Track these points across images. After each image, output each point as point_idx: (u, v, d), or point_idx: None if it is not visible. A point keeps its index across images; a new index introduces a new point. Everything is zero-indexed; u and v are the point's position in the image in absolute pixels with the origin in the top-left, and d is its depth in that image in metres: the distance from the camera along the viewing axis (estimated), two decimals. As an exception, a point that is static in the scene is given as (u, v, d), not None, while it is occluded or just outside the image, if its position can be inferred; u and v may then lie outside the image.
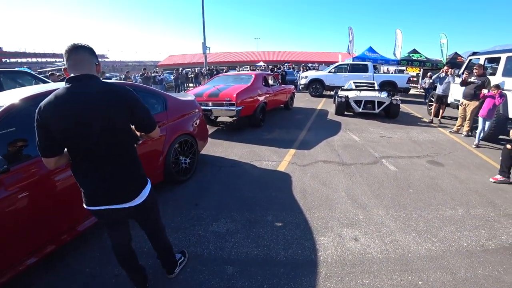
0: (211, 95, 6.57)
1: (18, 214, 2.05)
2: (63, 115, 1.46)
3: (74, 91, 1.48)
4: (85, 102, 1.48)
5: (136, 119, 1.69)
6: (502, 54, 6.75)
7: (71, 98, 1.47)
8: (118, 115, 1.57)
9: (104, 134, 1.55)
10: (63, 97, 1.47)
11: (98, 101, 1.50)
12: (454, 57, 16.87)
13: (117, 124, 1.58)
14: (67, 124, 1.47)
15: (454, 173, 4.55)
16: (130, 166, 1.72)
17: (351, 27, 19.29)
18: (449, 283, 2.25)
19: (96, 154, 1.58)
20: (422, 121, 8.80)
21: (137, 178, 1.77)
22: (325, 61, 37.40)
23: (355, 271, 2.37)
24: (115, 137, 1.60)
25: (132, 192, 1.73)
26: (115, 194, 1.67)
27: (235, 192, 3.76)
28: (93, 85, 1.52)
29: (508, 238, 2.87)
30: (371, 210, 3.34)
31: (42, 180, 2.23)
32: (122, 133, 1.64)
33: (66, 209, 2.41)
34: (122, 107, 1.57)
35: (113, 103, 1.54)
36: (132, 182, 1.74)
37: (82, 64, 1.54)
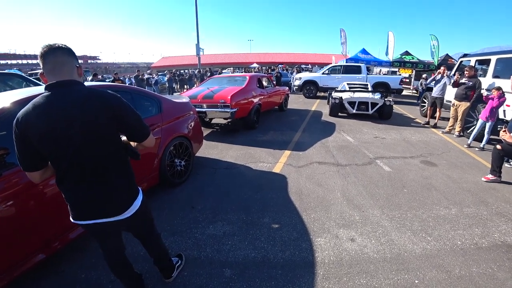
0: (206, 97, 6.56)
1: (9, 220, 2.01)
2: (42, 126, 1.34)
3: (53, 100, 1.36)
4: (65, 112, 1.35)
5: (124, 127, 1.55)
6: (492, 56, 6.87)
7: (49, 108, 1.34)
8: (102, 125, 1.44)
9: (88, 145, 1.43)
10: (41, 106, 1.34)
11: (79, 110, 1.37)
12: (445, 59, 17.08)
13: (102, 135, 1.46)
14: (47, 136, 1.36)
15: (447, 172, 4.61)
16: (119, 179, 1.59)
17: (342, 28, 19.42)
18: (444, 281, 2.28)
19: (80, 166, 1.46)
20: (415, 122, 8.90)
21: (127, 190, 1.65)
22: (319, 62, 37.71)
23: (352, 271, 2.38)
24: (101, 148, 1.49)
25: (122, 205, 1.61)
26: (103, 207, 1.56)
27: (231, 194, 3.75)
28: (74, 93, 1.39)
29: (501, 236, 2.92)
30: (367, 211, 3.37)
31: (34, 185, 2.18)
32: (108, 144, 1.51)
33: (58, 216, 2.36)
34: (107, 115, 1.43)
35: (96, 112, 1.40)
36: (121, 195, 1.61)
37: (61, 68, 1.39)
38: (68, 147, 1.40)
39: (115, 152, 1.58)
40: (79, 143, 1.41)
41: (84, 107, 1.37)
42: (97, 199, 1.54)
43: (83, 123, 1.38)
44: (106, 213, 1.58)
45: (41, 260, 2.20)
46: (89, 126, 1.40)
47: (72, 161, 1.44)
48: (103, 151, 1.50)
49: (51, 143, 1.38)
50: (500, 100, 5.54)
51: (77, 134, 1.38)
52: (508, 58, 6.36)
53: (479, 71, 7.61)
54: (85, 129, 1.40)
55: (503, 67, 6.53)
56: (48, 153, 1.43)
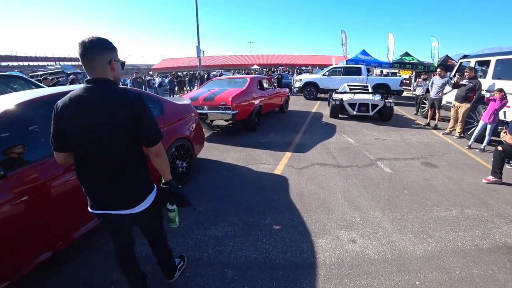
0: (207, 99, 6.59)
1: (15, 221, 2.03)
2: (69, 117, 1.50)
3: (82, 96, 1.49)
4: (88, 109, 1.48)
5: (137, 128, 1.56)
6: (492, 57, 6.89)
7: (78, 102, 1.49)
8: (121, 124, 1.51)
9: (106, 140, 1.52)
10: (73, 99, 1.50)
11: (100, 108, 1.47)
12: (445, 59, 17.13)
13: (119, 132, 1.53)
14: (71, 127, 1.51)
15: (447, 174, 4.62)
16: (133, 174, 1.66)
17: (343, 30, 19.47)
18: (445, 283, 2.29)
19: (97, 158, 1.56)
20: (415, 123, 8.91)
21: (141, 185, 1.71)
22: (319, 64, 37.74)
23: (354, 273, 2.39)
24: (119, 144, 1.56)
25: (134, 199, 1.68)
26: (116, 200, 1.64)
27: (232, 195, 3.77)
28: (100, 91, 1.51)
29: (502, 237, 2.93)
30: (368, 212, 3.38)
31: (39, 186, 2.21)
32: (125, 142, 1.57)
33: (63, 215, 2.39)
34: (126, 115, 1.50)
35: (116, 111, 1.49)
36: (135, 189, 1.68)
37: (92, 67, 1.50)
38: (89, 141, 1.52)
39: (132, 149, 1.63)
40: (100, 138, 1.51)
41: (108, 107, 1.48)
42: (110, 191, 1.62)
43: (104, 121, 1.48)
44: (118, 206, 1.66)
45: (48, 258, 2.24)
46: (109, 124, 1.49)
47: (92, 152, 1.55)
48: (120, 147, 1.57)
49: (74, 134, 1.53)
50: (502, 102, 5.54)
51: (98, 130, 1.50)
52: (507, 59, 6.38)
53: (479, 72, 7.63)
54: (106, 126, 1.49)
55: (503, 68, 6.54)
56: (72, 142, 1.56)
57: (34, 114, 2.40)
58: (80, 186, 1.67)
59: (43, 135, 2.50)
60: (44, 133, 2.53)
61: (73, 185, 2.36)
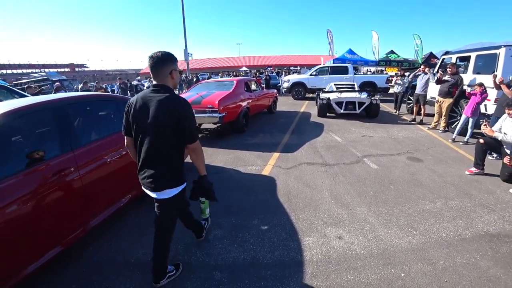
0: (193, 103, 6.56)
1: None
2: (135, 111, 1.96)
3: (148, 96, 1.93)
4: (146, 105, 1.90)
5: (180, 128, 1.91)
6: (472, 53, 7.08)
7: (140, 101, 1.94)
8: (167, 122, 1.87)
9: (153, 133, 1.90)
10: (141, 98, 1.96)
11: (155, 107, 1.86)
12: (429, 57, 17.49)
13: (164, 128, 1.89)
14: (133, 117, 1.98)
15: (432, 167, 4.72)
16: (166, 164, 2.00)
17: (329, 29, 19.69)
18: (429, 273, 2.34)
19: (146, 144, 1.95)
20: (401, 119, 9.06)
21: (168, 176, 2.02)
22: (308, 64, 38.00)
23: (340, 268, 2.43)
24: (163, 138, 1.92)
25: (158, 185, 2.00)
26: (147, 180, 2.01)
27: (220, 198, 3.69)
28: (155, 94, 1.92)
29: (484, 226, 3.01)
30: (354, 208, 3.43)
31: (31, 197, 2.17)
32: (169, 137, 1.93)
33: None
34: (173, 115, 1.86)
35: (166, 111, 1.86)
36: (162, 177, 1.99)
37: (158, 75, 1.97)
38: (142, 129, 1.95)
39: (172, 143, 1.97)
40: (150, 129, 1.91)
41: (160, 107, 1.86)
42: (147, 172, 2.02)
43: (156, 117, 1.86)
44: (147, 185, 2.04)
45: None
46: (159, 121, 1.87)
47: (143, 139, 1.96)
48: (163, 140, 1.93)
49: (132, 123, 1.99)
50: (483, 96, 5.70)
51: (150, 124, 1.89)
52: (486, 55, 6.56)
53: (461, 68, 7.82)
54: (156, 122, 1.87)
55: (483, 63, 6.72)
56: (132, 130, 2.02)
57: (17, 124, 2.36)
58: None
59: (27, 145, 2.48)
60: (28, 143, 2.52)
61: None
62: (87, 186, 2.65)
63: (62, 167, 2.44)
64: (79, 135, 2.77)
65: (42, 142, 2.58)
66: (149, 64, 1.94)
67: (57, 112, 2.63)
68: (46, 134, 2.62)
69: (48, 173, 2.32)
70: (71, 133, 2.66)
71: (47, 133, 2.62)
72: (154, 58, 1.92)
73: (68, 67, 79.79)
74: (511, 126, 4.03)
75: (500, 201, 3.57)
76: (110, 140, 3.09)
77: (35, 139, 2.57)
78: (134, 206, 3.54)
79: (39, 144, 2.55)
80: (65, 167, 2.47)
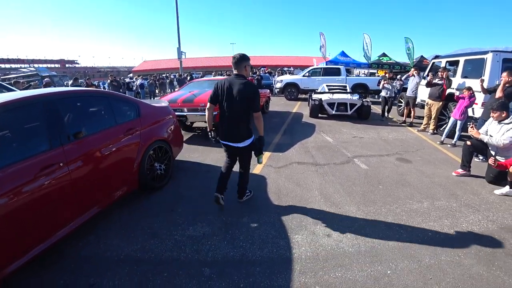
0: (186, 101, 6.55)
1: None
2: (222, 89, 3.07)
3: (230, 80, 3.07)
4: (232, 86, 3.01)
5: (250, 102, 3.00)
6: (460, 57, 7.23)
7: (228, 83, 3.05)
8: (244, 97, 2.96)
9: (235, 103, 3.00)
10: (225, 81, 3.08)
11: (237, 87, 2.98)
12: (420, 60, 17.78)
13: (243, 101, 2.98)
14: (222, 93, 3.07)
15: (420, 168, 4.81)
16: (244, 125, 3.11)
17: (322, 32, 19.84)
18: (415, 270, 2.40)
19: (230, 112, 3.06)
20: (392, 121, 9.19)
21: (245, 133, 3.14)
22: (301, 65, 38.14)
23: (328, 266, 2.46)
24: (241, 107, 3.01)
25: (239, 139, 3.14)
26: (232, 136, 3.16)
27: (211, 196, 3.74)
28: (240, 80, 3.02)
29: (468, 225, 3.09)
30: (343, 207, 3.48)
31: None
32: (244, 107, 3.01)
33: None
34: (247, 93, 2.96)
35: (243, 89, 2.96)
36: (241, 134, 3.12)
37: (238, 68, 3.06)
38: (229, 101, 3.03)
39: (246, 111, 3.07)
40: (234, 101, 3.00)
41: (240, 87, 2.96)
42: (231, 131, 3.14)
43: (239, 94, 2.96)
44: (232, 140, 3.17)
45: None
46: (240, 95, 2.96)
47: (229, 108, 3.05)
48: (242, 109, 3.03)
49: (224, 95, 3.05)
50: (471, 100, 5.82)
51: (235, 97, 2.98)
52: (474, 59, 6.71)
53: (451, 72, 7.97)
54: (237, 96, 2.97)
55: (471, 67, 6.87)
56: (220, 99, 3.11)
57: (4, 118, 2.33)
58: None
59: (14, 139, 2.44)
60: (17, 137, 2.48)
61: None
62: (76, 181, 2.63)
63: (51, 162, 2.42)
64: (69, 130, 2.74)
65: (32, 136, 2.55)
66: (233, 61, 3.05)
67: (47, 106, 2.60)
68: (35, 128, 2.59)
69: (37, 167, 2.30)
70: (61, 128, 2.64)
71: (36, 128, 2.59)
72: (236, 57, 3.04)
73: (58, 63, 78.30)
74: (496, 128, 4.14)
75: (484, 201, 3.66)
76: (101, 136, 3.08)
77: (25, 133, 2.54)
78: (124, 202, 3.52)
79: (28, 138, 2.52)
80: (54, 161, 2.44)
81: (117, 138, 3.29)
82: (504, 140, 3.90)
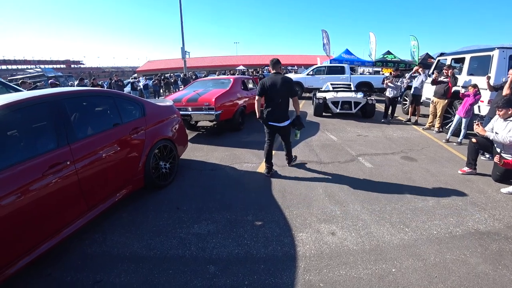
0: (190, 100, 6.58)
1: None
2: (268, 84, 4.08)
3: (273, 76, 4.13)
4: (274, 81, 4.06)
5: (290, 90, 4.14)
6: (466, 55, 7.15)
7: (272, 79, 4.09)
8: (285, 88, 4.06)
9: (279, 93, 4.05)
10: (269, 77, 4.14)
11: (279, 81, 4.03)
12: (425, 58, 17.61)
13: (284, 90, 4.06)
14: (268, 87, 4.08)
15: (426, 167, 4.78)
16: (285, 109, 4.20)
17: (324, 30, 19.69)
18: (420, 269, 2.39)
19: (275, 100, 4.09)
20: (397, 120, 9.13)
21: (286, 115, 4.23)
22: (305, 64, 38.06)
23: (332, 263, 2.46)
24: (284, 95, 4.10)
25: (282, 119, 4.20)
26: (276, 118, 4.18)
27: (216, 194, 3.80)
28: (279, 76, 4.12)
29: (474, 224, 3.07)
30: (348, 206, 3.47)
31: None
32: (285, 95, 4.13)
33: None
34: (287, 85, 4.07)
35: (284, 83, 4.04)
36: (284, 116, 4.20)
37: (275, 68, 4.17)
38: (274, 92, 4.07)
39: (287, 98, 4.17)
40: (278, 93, 4.05)
41: (282, 80, 4.05)
42: (275, 114, 4.16)
43: (281, 86, 4.03)
44: (276, 121, 4.20)
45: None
46: (282, 87, 4.03)
47: (273, 98, 4.09)
48: (284, 96, 4.11)
49: (269, 88, 4.08)
50: (476, 98, 5.76)
51: (278, 89, 4.04)
52: (480, 56, 6.63)
53: (456, 69, 7.89)
54: (280, 88, 4.03)
55: (477, 65, 6.80)
56: (267, 92, 4.12)
57: (13, 117, 2.37)
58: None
59: (23, 138, 2.48)
60: (25, 136, 2.52)
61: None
62: (82, 179, 2.67)
63: (58, 160, 2.45)
64: (75, 129, 2.77)
65: (40, 135, 2.58)
66: (271, 63, 4.21)
67: (54, 106, 2.63)
68: (43, 127, 2.62)
69: (45, 166, 2.34)
70: (68, 127, 2.67)
71: (44, 127, 2.62)
72: (274, 61, 4.21)
73: (64, 63, 79.15)
74: (502, 126, 4.09)
75: (491, 200, 3.63)
76: (107, 135, 3.11)
77: (33, 132, 2.57)
78: (130, 201, 3.55)
79: (36, 137, 2.56)
80: (61, 160, 2.48)
81: (123, 137, 3.32)
82: (510, 137, 3.86)
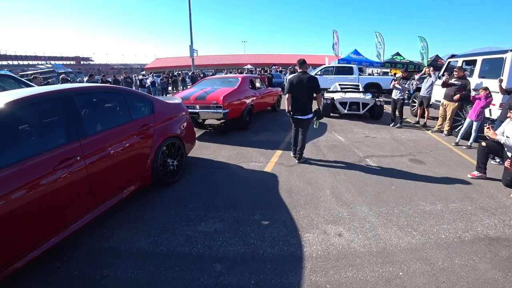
0: (198, 98, 6.61)
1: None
2: (295, 82, 4.69)
3: (300, 75, 4.72)
4: (302, 79, 4.66)
5: (314, 88, 4.68)
6: (478, 57, 7.04)
7: (299, 77, 4.70)
8: (310, 86, 4.65)
9: (304, 91, 4.67)
10: (297, 75, 4.72)
11: (305, 80, 4.65)
12: (435, 59, 17.39)
13: (309, 88, 4.65)
14: (295, 84, 4.69)
15: (434, 170, 4.72)
16: (309, 105, 4.75)
17: (335, 30, 19.61)
18: (427, 273, 2.36)
19: (301, 96, 4.70)
20: (405, 122, 9.02)
21: (310, 109, 4.76)
22: (313, 63, 37.87)
23: (339, 265, 2.45)
24: (308, 93, 4.68)
25: (306, 113, 4.72)
26: (300, 111, 4.74)
27: (222, 193, 3.81)
28: (305, 74, 4.74)
29: (483, 229, 3.02)
30: (355, 207, 3.45)
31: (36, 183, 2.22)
32: (310, 92, 4.67)
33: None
34: (312, 83, 4.66)
35: (309, 81, 4.65)
36: (307, 110, 4.73)
37: (301, 68, 4.77)
38: (300, 90, 4.69)
39: (311, 96, 4.69)
40: (303, 89, 4.67)
41: (307, 79, 4.67)
42: (300, 108, 4.75)
43: (307, 84, 4.64)
44: (300, 114, 4.76)
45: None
46: (307, 85, 4.65)
47: (299, 95, 4.71)
48: (309, 93, 4.69)
49: (296, 86, 4.69)
50: (487, 100, 5.66)
51: (304, 86, 4.65)
52: (492, 59, 6.53)
53: (467, 72, 7.77)
54: (306, 85, 4.65)
55: (489, 67, 6.69)
56: (294, 90, 4.73)
57: (24, 112, 2.41)
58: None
59: (34, 133, 2.52)
60: (36, 131, 2.56)
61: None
62: (92, 174, 2.70)
63: (69, 156, 2.49)
64: (85, 125, 2.81)
65: (51, 130, 2.63)
66: (298, 63, 4.78)
67: (65, 101, 2.67)
68: (54, 122, 2.67)
69: (56, 161, 2.37)
70: (78, 123, 2.71)
71: (55, 122, 2.67)
72: (300, 61, 4.76)
73: (73, 60, 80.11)
74: (514, 130, 4.02)
75: (501, 205, 3.58)
76: (117, 131, 3.14)
77: (44, 127, 2.62)
78: (137, 197, 3.59)
79: (47, 132, 2.60)
80: (71, 155, 2.51)
81: (132, 133, 3.35)
82: (522, 142, 3.79)
